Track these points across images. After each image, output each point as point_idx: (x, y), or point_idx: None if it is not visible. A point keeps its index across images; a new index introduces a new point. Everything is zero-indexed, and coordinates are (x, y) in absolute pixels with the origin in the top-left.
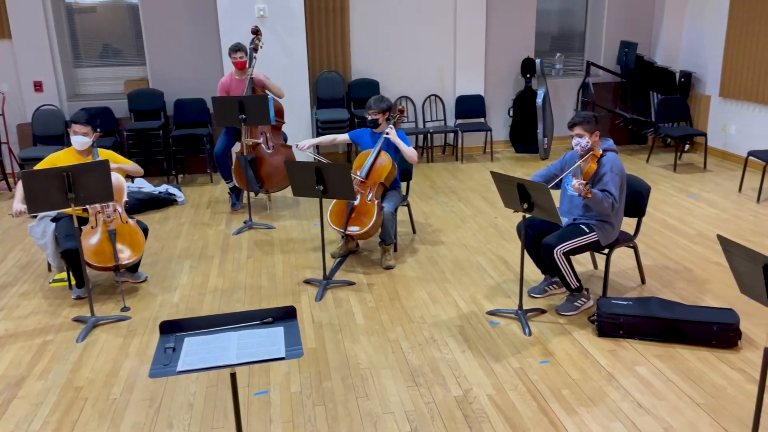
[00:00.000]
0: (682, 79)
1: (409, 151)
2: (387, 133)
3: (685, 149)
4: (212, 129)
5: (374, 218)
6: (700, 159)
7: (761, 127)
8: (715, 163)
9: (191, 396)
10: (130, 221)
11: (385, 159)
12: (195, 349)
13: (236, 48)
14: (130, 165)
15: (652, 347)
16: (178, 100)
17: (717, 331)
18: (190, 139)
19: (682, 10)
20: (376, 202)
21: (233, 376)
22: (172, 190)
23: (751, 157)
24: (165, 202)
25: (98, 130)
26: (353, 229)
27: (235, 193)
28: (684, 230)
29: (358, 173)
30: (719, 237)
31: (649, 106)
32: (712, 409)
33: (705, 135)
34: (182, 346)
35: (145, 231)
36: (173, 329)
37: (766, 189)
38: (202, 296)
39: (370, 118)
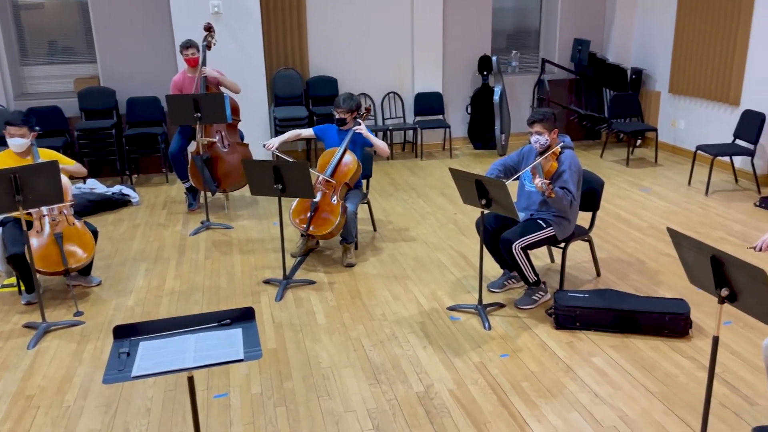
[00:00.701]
0: (633, 76)
1: (382, 145)
2: (358, 129)
3: (637, 144)
4: (167, 128)
5: (339, 219)
6: (652, 153)
7: (709, 122)
8: (666, 157)
9: (148, 401)
10: (77, 223)
11: (351, 159)
12: (150, 353)
13: (187, 45)
14: (73, 165)
15: (608, 338)
16: (131, 98)
17: (669, 321)
18: (144, 138)
19: (632, 8)
20: (341, 202)
21: (191, 379)
22: (126, 190)
23: (699, 151)
24: (119, 203)
25: (36, 129)
26: (317, 230)
27: (192, 193)
28: (637, 223)
29: (324, 173)
30: (669, 229)
31: (603, 102)
32: (665, 396)
33: (656, 130)
34: (137, 351)
35: (95, 233)
36: (128, 333)
37: (714, 182)
38: (158, 299)
39: (338, 116)
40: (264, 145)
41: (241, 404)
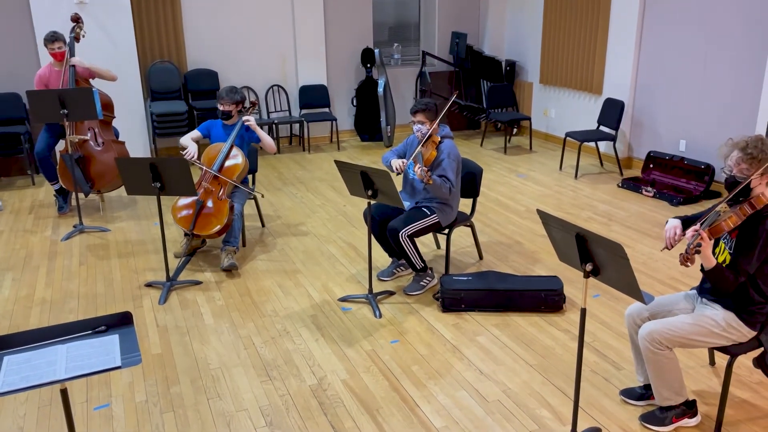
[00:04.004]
0: (508, 68)
1: (269, 140)
2: (247, 121)
3: (514, 133)
4: (30, 126)
5: (226, 217)
6: (527, 141)
7: (576, 110)
8: (539, 144)
9: (20, 419)
10: None
11: (238, 154)
12: (16, 367)
13: (52, 38)
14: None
15: (491, 317)
16: None
17: (545, 297)
18: (4, 138)
19: (503, 3)
20: (227, 200)
21: (64, 392)
22: None
23: (568, 138)
24: None
25: None
26: (203, 230)
27: (62, 195)
28: (514, 207)
29: (211, 168)
30: (539, 211)
31: (481, 93)
32: (543, 368)
33: (530, 119)
34: (1, 366)
35: None
36: None
37: (582, 166)
38: (27, 310)
39: (222, 109)
40: (183, 154)
41: (124, 414)
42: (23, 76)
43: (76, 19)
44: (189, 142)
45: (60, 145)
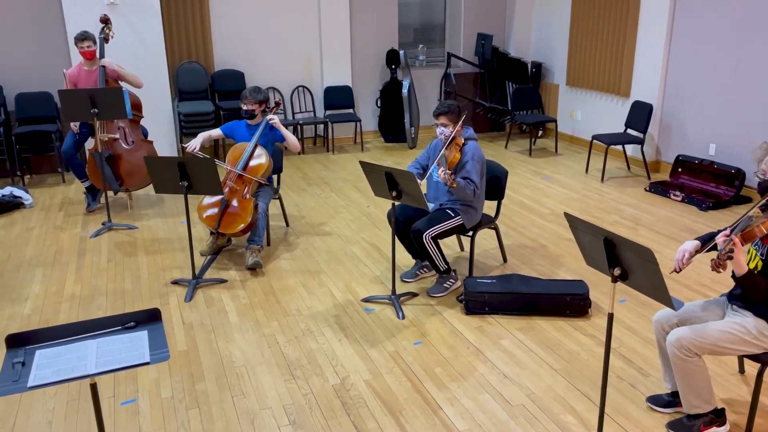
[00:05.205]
0: (534, 70)
1: (293, 139)
2: (270, 119)
3: (539, 135)
4: (61, 125)
5: (251, 216)
6: (552, 144)
7: (602, 113)
8: (565, 146)
9: (49, 413)
10: None
11: (263, 153)
12: (48, 361)
13: (82, 37)
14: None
15: (515, 321)
16: (20, 93)
17: (570, 302)
18: (36, 136)
19: (530, 5)
20: (252, 199)
21: (94, 386)
22: (18, 192)
23: (595, 141)
24: (10, 205)
25: None
26: (227, 228)
27: (92, 193)
28: (539, 210)
29: (236, 167)
30: (566, 214)
31: (506, 95)
32: (567, 373)
33: (555, 121)
34: (33, 360)
35: None
36: (22, 342)
37: (608, 169)
38: (57, 306)
39: (245, 108)
40: (185, 148)
41: (150, 409)
42: (55, 75)
43: (105, 21)
44: (199, 139)
45: (90, 144)
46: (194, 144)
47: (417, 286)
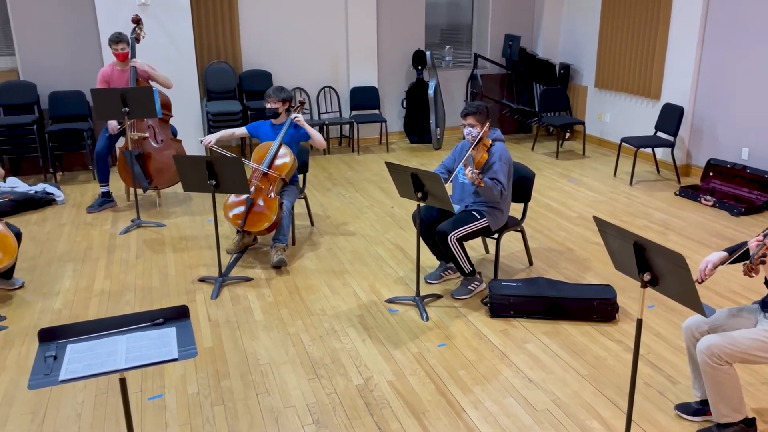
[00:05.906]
0: (562, 71)
1: (318, 136)
2: (295, 118)
3: (566, 137)
4: (93, 123)
5: (276, 214)
6: (580, 146)
7: (632, 115)
8: (593, 149)
9: (78, 406)
10: None
11: (287, 152)
12: (79, 356)
13: (117, 39)
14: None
15: (540, 325)
16: (54, 92)
17: (597, 306)
18: (68, 134)
19: (559, 6)
20: (277, 198)
21: (123, 381)
22: (50, 189)
23: (624, 144)
24: (42, 202)
25: None
26: (253, 226)
27: (104, 198)
28: (566, 213)
29: (261, 166)
30: (595, 218)
31: (533, 96)
32: (594, 379)
33: (583, 123)
34: (65, 354)
35: (18, 235)
36: (54, 336)
37: (637, 173)
38: (87, 301)
39: (269, 106)
40: (201, 141)
41: (177, 405)
42: (87, 74)
43: (137, 21)
44: (217, 134)
45: (120, 142)
46: (210, 138)
47: (441, 288)
